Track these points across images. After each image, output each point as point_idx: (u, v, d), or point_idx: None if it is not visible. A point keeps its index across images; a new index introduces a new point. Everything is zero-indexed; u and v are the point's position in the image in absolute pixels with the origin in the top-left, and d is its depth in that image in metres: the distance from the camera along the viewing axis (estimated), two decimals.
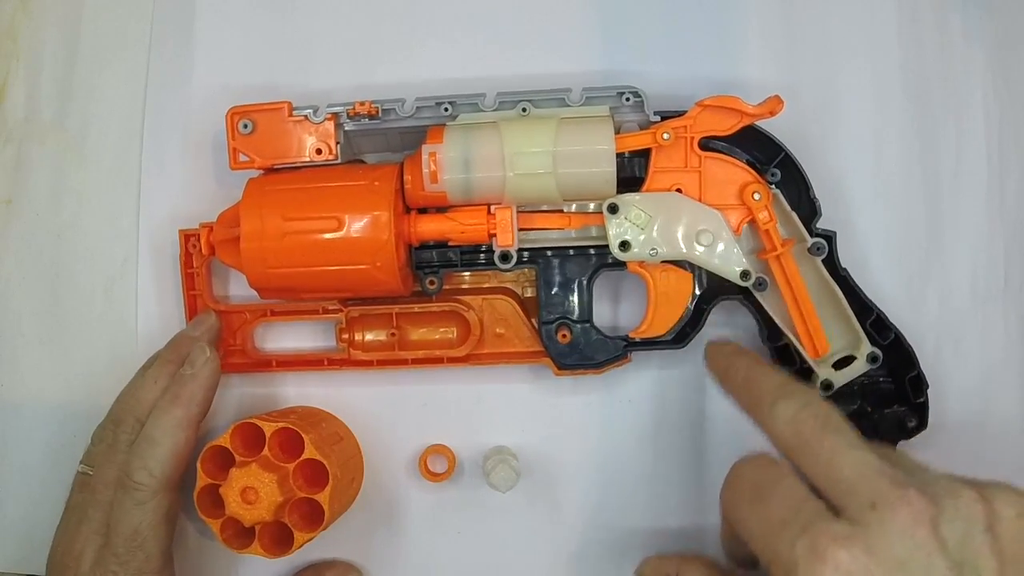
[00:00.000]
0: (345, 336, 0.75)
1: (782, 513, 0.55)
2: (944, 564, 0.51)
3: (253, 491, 0.67)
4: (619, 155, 0.69)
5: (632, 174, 0.71)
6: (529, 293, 0.76)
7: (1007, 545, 0.52)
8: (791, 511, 0.55)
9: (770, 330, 0.72)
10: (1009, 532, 0.52)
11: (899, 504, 0.52)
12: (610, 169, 0.68)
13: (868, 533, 0.52)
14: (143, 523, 0.67)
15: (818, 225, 0.71)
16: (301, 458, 0.69)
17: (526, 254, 0.73)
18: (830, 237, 0.70)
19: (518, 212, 0.71)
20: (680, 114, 0.70)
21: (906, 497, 0.52)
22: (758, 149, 0.71)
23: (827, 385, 0.70)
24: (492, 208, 0.70)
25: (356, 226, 0.68)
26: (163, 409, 0.69)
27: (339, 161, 0.72)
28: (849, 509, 0.53)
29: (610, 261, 0.72)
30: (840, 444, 0.55)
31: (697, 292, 0.72)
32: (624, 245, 0.70)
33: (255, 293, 0.72)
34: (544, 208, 0.72)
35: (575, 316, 0.73)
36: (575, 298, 0.73)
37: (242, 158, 0.72)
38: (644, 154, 0.71)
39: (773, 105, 0.67)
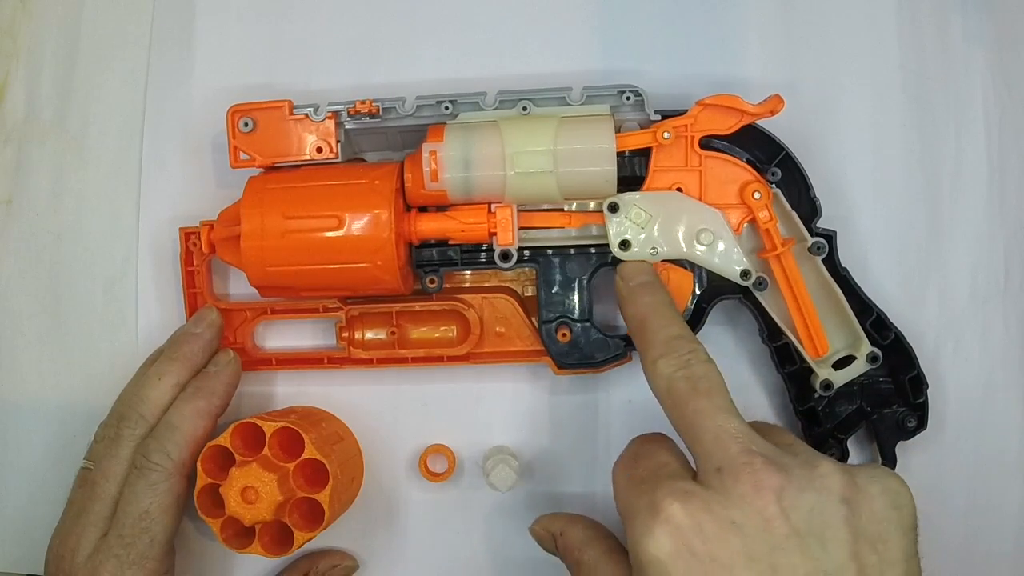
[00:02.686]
0: (345, 335, 0.75)
1: (644, 473, 0.58)
2: (783, 531, 0.52)
3: (253, 491, 0.67)
4: (619, 154, 0.69)
5: (632, 173, 0.71)
6: (529, 292, 0.76)
7: (865, 522, 0.53)
8: (651, 471, 0.57)
9: (770, 329, 0.72)
10: (870, 508, 0.53)
11: (743, 470, 0.53)
12: (610, 168, 0.68)
13: (709, 494, 0.53)
14: (153, 504, 0.67)
15: (818, 224, 0.70)
16: (301, 458, 0.69)
17: (526, 253, 0.73)
18: (830, 236, 0.70)
19: (518, 211, 0.71)
20: (680, 113, 0.70)
21: (751, 463, 0.53)
22: (758, 148, 0.71)
23: (827, 385, 0.70)
24: (492, 207, 0.70)
25: (357, 224, 0.68)
26: (185, 399, 0.71)
27: (340, 160, 0.72)
28: (701, 471, 0.56)
29: (610, 260, 0.72)
30: (705, 408, 0.56)
31: (697, 291, 0.72)
32: (624, 244, 0.70)
33: (255, 291, 0.72)
34: (544, 207, 0.72)
35: (575, 315, 0.73)
36: (575, 297, 0.73)
37: (243, 156, 0.72)
38: (644, 153, 0.71)
39: (774, 104, 0.67)
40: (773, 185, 0.70)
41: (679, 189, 0.70)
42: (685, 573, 0.52)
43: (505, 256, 0.71)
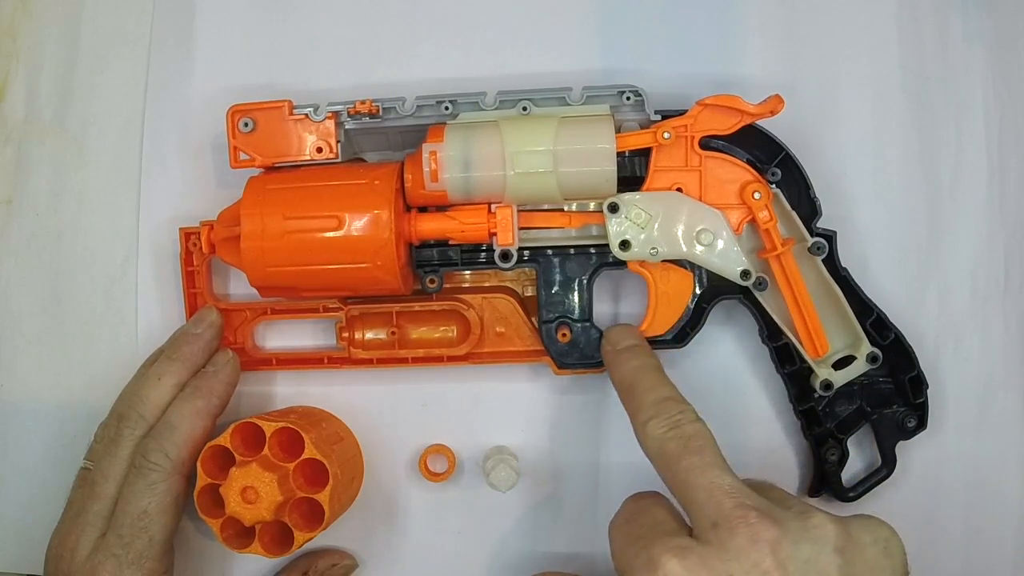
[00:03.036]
0: (345, 335, 0.75)
1: (640, 531, 0.58)
2: None
3: (253, 491, 0.67)
4: (619, 154, 0.69)
5: (632, 173, 0.71)
6: (529, 292, 0.76)
7: (859, 571, 0.54)
8: (647, 529, 0.58)
9: (770, 330, 0.72)
10: (863, 557, 0.55)
11: (738, 523, 0.54)
12: (611, 168, 0.68)
13: (706, 549, 0.54)
14: (152, 504, 0.67)
15: (818, 224, 0.71)
16: (301, 458, 0.69)
17: (526, 253, 0.73)
18: (830, 237, 0.70)
19: (519, 211, 0.70)
20: (680, 113, 0.70)
21: (746, 517, 0.54)
22: (758, 148, 0.71)
23: (827, 385, 0.70)
24: (492, 207, 0.70)
25: (357, 225, 0.68)
26: (184, 399, 0.71)
27: (340, 160, 0.72)
28: (696, 527, 0.56)
29: (610, 260, 0.72)
30: (696, 465, 0.58)
31: (697, 291, 0.72)
32: (624, 244, 0.70)
33: (255, 292, 0.72)
34: (545, 207, 0.72)
35: (575, 315, 0.73)
36: (575, 297, 0.73)
37: (242, 157, 0.72)
38: (644, 153, 0.71)
39: (774, 104, 0.67)
40: (773, 185, 0.70)
41: (679, 189, 0.70)
42: None
43: (505, 256, 0.71)
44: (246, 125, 0.71)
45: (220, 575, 0.79)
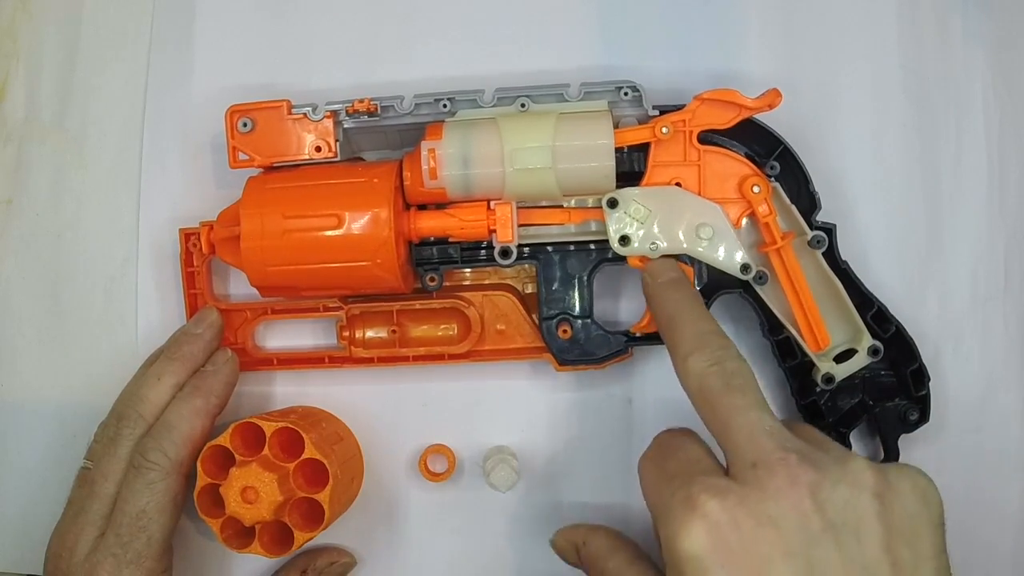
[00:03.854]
0: (346, 334, 0.75)
1: (676, 468, 0.58)
2: (819, 526, 0.52)
3: (253, 490, 0.67)
4: (618, 150, 0.69)
5: (631, 168, 0.71)
6: (530, 289, 0.76)
7: (897, 518, 0.53)
8: (683, 466, 0.57)
9: (771, 323, 0.72)
10: (900, 504, 0.54)
11: (778, 465, 0.53)
12: (609, 163, 0.68)
13: (745, 490, 0.53)
14: (151, 504, 0.67)
15: (818, 218, 0.71)
16: (301, 458, 0.68)
17: (526, 250, 0.73)
18: (830, 230, 0.70)
19: (518, 208, 0.71)
20: (679, 108, 0.70)
21: (786, 459, 0.53)
22: (757, 142, 0.71)
23: (829, 378, 0.70)
24: (492, 204, 0.70)
25: (356, 223, 0.68)
26: (182, 398, 0.71)
27: (338, 159, 0.72)
28: (734, 467, 0.55)
29: (610, 256, 0.72)
30: (737, 404, 0.57)
31: (697, 286, 0.71)
32: (624, 240, 0.70)
33: (255, 291, 0.72)
34: (544, 203, 0.72)
35: (576, 311, 0.73)
36: (576, 293, 0.73)
37: (242, 156, 0.72)
38: (643, 148, 0.71)
39: (772, 98, 0.67)
40: (772, 179, 0.70)
41: (678, 184, 0.70)
42: (722, 569, 0.52)
43: (505, 253, 0.71)
44: (245, 125, 0.71)
45: (220, 575, 0.79)
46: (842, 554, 0.52)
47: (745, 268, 0.69)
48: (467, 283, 0.76)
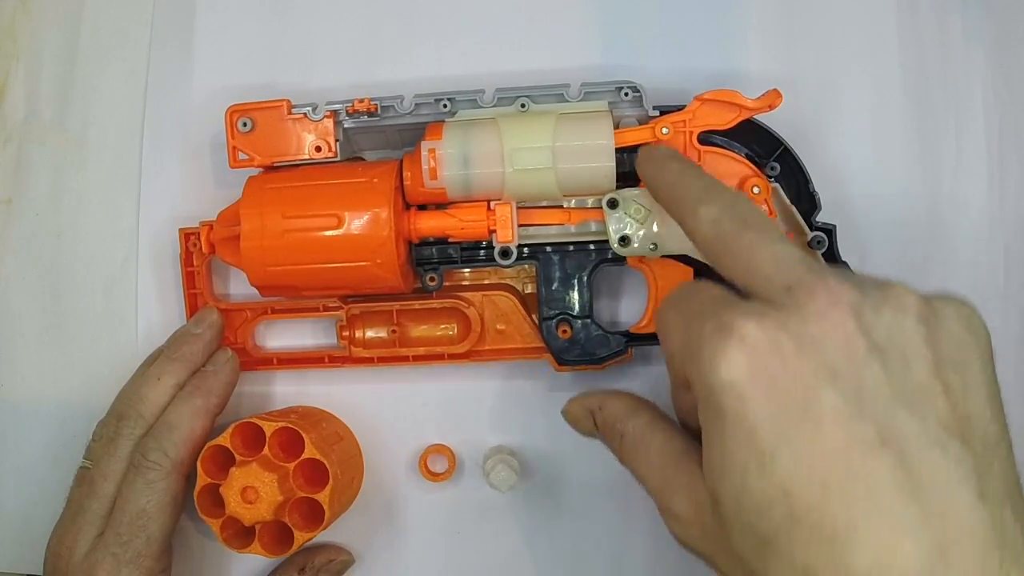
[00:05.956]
0: (346, 333, 0.75)
1: (701, 306, 0.52)
2: (864, 347, 0.47)
3: (253, 490, 0.67)
4: (618, 150, 0.69)
5: (631, 169, 0.71)
6: (529, 289, 0.76)
7: (944, 345, 0.49)
8: (710, 302, 0.52)
9: None
10: (947, 330, 0.49)
11: (817, 285, 0.49)
12: (609, 164, 0.68)
13: (783, 313, 0.48)
14: (151, 503, 0.67)
15: (818, 219, 0.70)
16: (301, 458, 0.68)
17: (526, 250, 0.72)
18: (830, 231, 0.70)
19: (518, 208, 0.71)
20: (679, 108, 0.70)
21: (825, 282, 0.49)
22: (757, 143, 0.71)
23: None
24: (492, 204, 0.71)
25: (356, 223, 0.68)
26: (183, 398, 0.71)
27: (338, 159, 0.72)
28: (766, 295, 0.51)
29: (610, 256, 0.72)
30: (760, 239, 0.52)
31: None
32: (624, 240, 0.70)
33: (255, 291, 0.72)
34: (543, 204, 0.72)
35: (575, 312, 0.73)
36: (575, 294, 0.73)
37: (241, 156, 0.72)
38: None
39: (772, 99, 0.67)
40: (772, 180, 0.70)
41: None
42: (765, 396, 0.47)
43: (505, 253, 0.71)
44: (245, 125, 0.71)
45: (219, 575, 0.79)
46: (891, 378, 0.47)
47: None
48: (467, 283, 0.76)
